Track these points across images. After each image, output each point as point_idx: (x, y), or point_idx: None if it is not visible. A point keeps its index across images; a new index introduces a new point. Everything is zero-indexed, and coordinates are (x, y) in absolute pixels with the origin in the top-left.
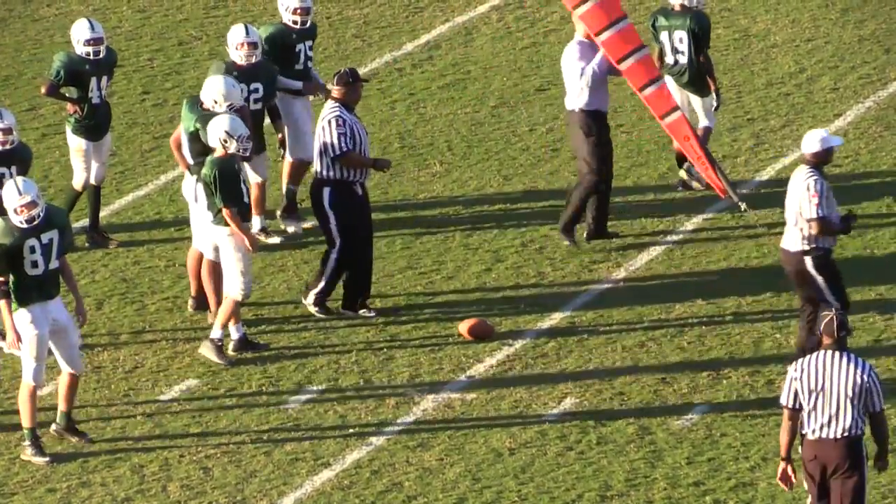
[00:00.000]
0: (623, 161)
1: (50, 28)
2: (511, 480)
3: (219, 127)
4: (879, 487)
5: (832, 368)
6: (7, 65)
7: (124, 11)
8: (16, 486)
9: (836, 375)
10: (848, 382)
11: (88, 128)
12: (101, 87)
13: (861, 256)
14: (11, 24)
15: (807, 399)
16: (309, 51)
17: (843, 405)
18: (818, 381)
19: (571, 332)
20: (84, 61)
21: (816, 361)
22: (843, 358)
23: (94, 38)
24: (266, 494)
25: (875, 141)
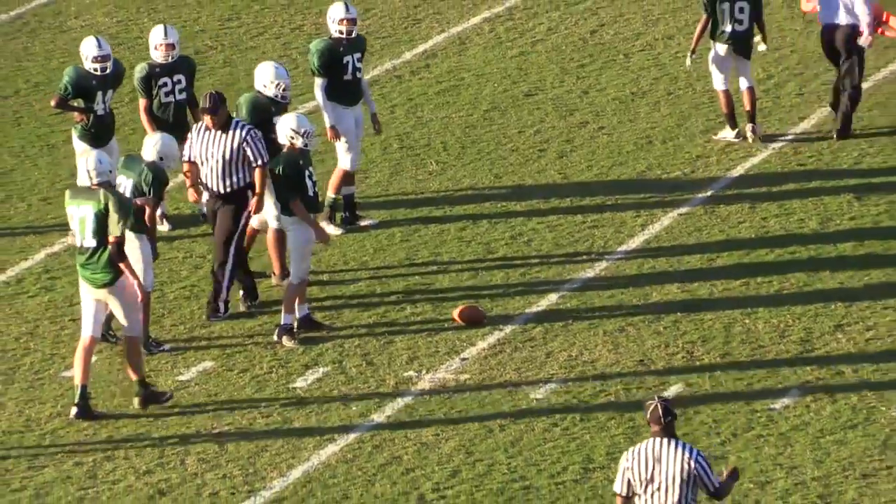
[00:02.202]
0: (605, 161)
1: (77, 38)
2: (501, 454)
3: (286, 125)
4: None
5: (662, 456)
6: (38, 72)
7: (145, 23)
8: (46, 460)
9: (666, 462)
10: (677, 468)
11: (93, 135)
12: (106, 99)
13: (823, 248)
14: (41, 34)
15: (639, 487)
16: (357, 62)
17: (674, 491)
18: (649, 470)
19: (557, 318)
20: (91, 76)
21: (646, 450)
22: (671, 445)
23: (102, 55)
24: (276, 467)
25: (837, 142)
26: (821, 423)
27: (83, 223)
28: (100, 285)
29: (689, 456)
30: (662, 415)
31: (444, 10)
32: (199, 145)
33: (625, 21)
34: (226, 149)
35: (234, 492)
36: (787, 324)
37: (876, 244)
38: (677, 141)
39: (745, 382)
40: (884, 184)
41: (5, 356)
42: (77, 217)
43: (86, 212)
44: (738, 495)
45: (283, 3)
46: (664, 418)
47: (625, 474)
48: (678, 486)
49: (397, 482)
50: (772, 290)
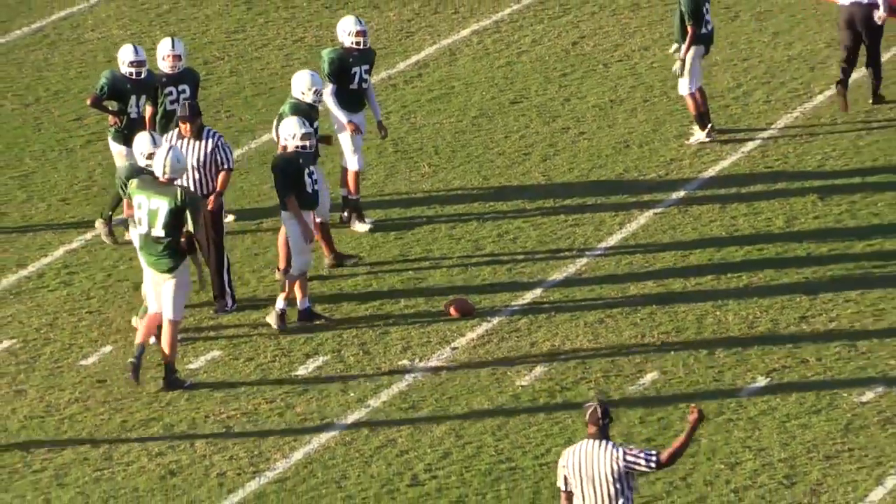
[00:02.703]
0: (585, 164)
1: (94, 49)
2: (489, 437)
3: (286, 128)
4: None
5: (594, 456)
6: (57, 81)
7: (157, 35)
8: (65, 443)
9: (598, 462)
10: (608, 469)
11: (126, 137)
12: (140, 103)
13: (789, 245)
14: (60, 45)
15: (576, 485)
16: (365, 74)
17: (608, 489)
18: (584, 469)
19: (541, 310)
20: (126, 80)
21: (580, 451)
22: (603, 446)
23: (138, 60)
24: (279, 449)
25: (802, 146)
26: (787, 408)
27: (154, 215)
28: (162, 270)
29: (617, 455)
30: (601, 416)
31: (436, 23)
32: None
33: (604, 34)
34: (200, 155)
35: (241, 472)
36: (755, 315)
37: (838, 241)
38: (653, 145)
39: (716, 370)
40: (845, 185)
41: (27, 346)
42: (147, 207)
43: (159, 205)
44: (710, 476)
45: (285, 17)
46: (602, 420)
47: (561, 472)
48: (611, 485)
49: (392, 463)
50: (741, 284)
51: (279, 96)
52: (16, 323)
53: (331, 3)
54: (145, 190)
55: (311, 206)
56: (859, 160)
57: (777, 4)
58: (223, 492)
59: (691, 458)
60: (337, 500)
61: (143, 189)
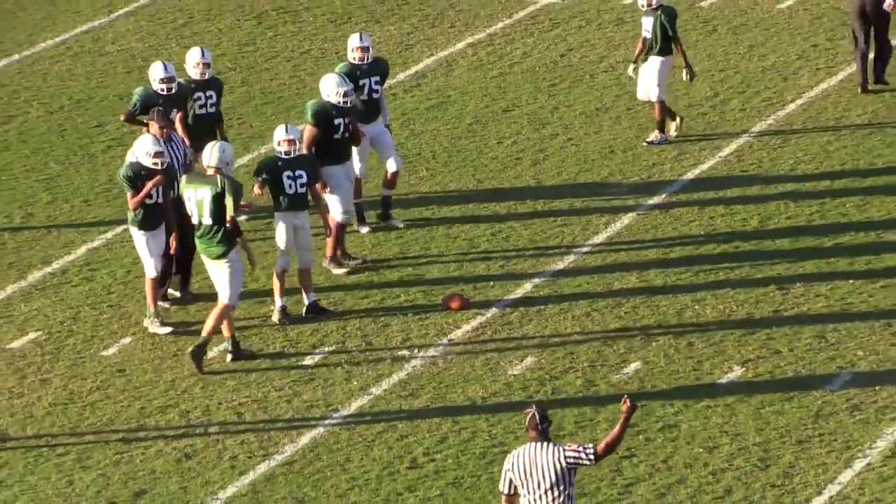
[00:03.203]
0: (573, 167)
1: (114, 61)
2: (483, 423)
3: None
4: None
5: (538, 458)
6: (79, 90)
7: (173, 48)
8: (87, 428)
9: (541, 464)
10: (551, 468)
11: None
12: (171, 116)
13: (763, 244)
14: (83, 57)
15: (521, 486)
16: (375, 85)
17: (551, 489)
18: (527, 471)
19: (531, 304)
20: (158, 96)
21: (524, 454)
22: (545, 447)
23: (167, 77)
24: (287, 434)
25: (775, 151)
26: (761, 395)
27: (201, 205)
28: (215, 257)
29: (558, 455)
30: (539, 421)
31: (433, 36)
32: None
33: (590, 46)
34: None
35: (251, 455)
36: (731, 309)
37: (809, 240)
38: (636, 150)
39: (695, 360)
40: (815, 187)
41: (51, 338)
42: (194, 199)
43: (203, 195)
44: (689, 458)
45: (292, 31)
46: (541, 424)
47: (506, 475)
48: (554, 484)
49: (393, 447)
50: (718, 280)
51: (287, 104)
52: (41, 316)
53: (335, 18)
54: (192, 183)
55: (293, 206)
56: (828, 164)
57: (752, 19)
58: (235, 474)
59: (672, 442)
60: (341, 481)
61: (190, 183)
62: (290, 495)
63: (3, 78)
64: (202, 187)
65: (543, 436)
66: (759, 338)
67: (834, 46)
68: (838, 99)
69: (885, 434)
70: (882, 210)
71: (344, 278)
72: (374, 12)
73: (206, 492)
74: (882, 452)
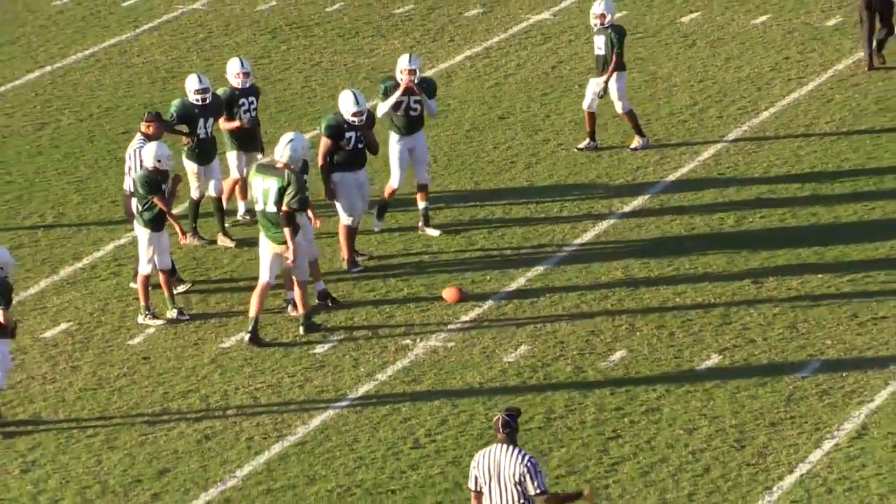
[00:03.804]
0: (563, 171)
1: (139, 72)
2: (480, 406)
3: None
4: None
5: (501, 460)
6: (108, 99)
7: (194, 60)
8: (114, 412)
9: (504, 465)
10: (511, 471)
11: (197, 155)
12: (208, 125)
13: (738, 240)
14: (111, 69)
15: (485, 484)
16: (413, 103)
17: (511, 490)
18: (491, 471)
19: (525, 297)
20: (194, 106)
21: (489, 455)
22: (509, 451)
23: (202, 88)
24: (300, 417)
25: (750, 155)
26: (737, 381)
27: (266, 193)
28: (280, 242)
29: (521, 461)
30: (502, 427)
31: (434, 49)
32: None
33: (579, 58)
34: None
35: (266, 436)
36: (709, 301)
37: (781, 237)
38: (621, 154)
39: (676, 348)
40: (787, 189)
41: (81, 328)
42: (261, 188)
43: (270, 185)
44: (671, 439)
45: (304, 44)
46: (503, 430)
47: (473, 473)
48: (513, 486)
49: (397, 429)
50: (697, 274)
51: (299, 112)
52: (72, 308)
53: (343, 33)
54: (262, 173)
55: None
56: (799, 167)
57: (729, 33)
58: (251, 453)
59: (655, 424)
60: (349, 460)
61: (260, 172)
62: (301, 473)
63: (36, 88)
64: (270, 178)
65: (509, 439)
66: (735, 328)
67: (804, 59)
68: (808, 107)
69: (851, 417)
70: (849, 210)
71: (354, 273)
72: (379, 27)
73: (225, 470)
74: (849, 434)
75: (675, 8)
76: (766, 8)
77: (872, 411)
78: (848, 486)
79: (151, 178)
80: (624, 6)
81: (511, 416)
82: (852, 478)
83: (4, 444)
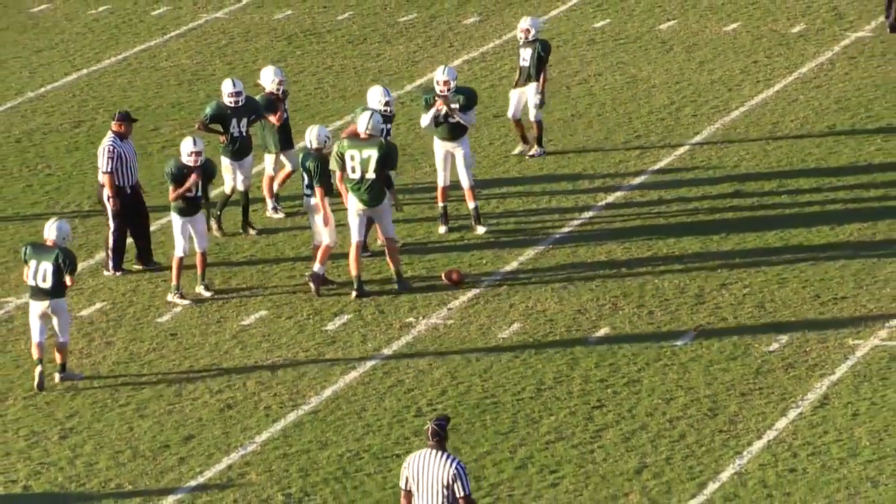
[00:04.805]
0: (552, 165)
1: (167, 75)
2: (477, 378)
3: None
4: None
5: (430, 464)
6: (138, 99)
7: (217, 65)
8: (144, 383)
9: (432, 470)
10: (440, 475)
11: (232, 152)
12: (241, 125)
13: (711, 227)
14: (141, 72)
15: (415, 485)
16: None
17: (439, 492)
18: (421, 474)
19: (517, 279)
20: (227, 108)
21: (420, 458)
22: (439, 456)
23: (235, 91)
24: (313, 388)
25: (722, 151)
26: (710, 355)
27: (366, 162)
28: (371, 205)
29: (449, 466)
30: (432, 435)
31: (435, 54)
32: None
33: (566, 62)
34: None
35: (283, 406)
36: (685, 283)
37: (750, 224)
38: (605, 150)
39: (655, 326)
40: (756, 181)
41: (115, 307)
42: (359, 158)
43: (370, 154)
44: (650, 408)
45: (317, 49)
46: (433, 438)
47: (404, 473)
48: (440, 489)
49: (401, 399)
50: (674, 258)
51: (312, 111)
52: (106, 289)
53: (353, 39)
54: (356, 146)
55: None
56: (767, 162)
57: (703, 39)
58: (269, 421)
59: (635, 394)
60: (358, 427)
61: (354, 146)
62: (315, 439)
63: (74, 89)
64: (368, 149)
65: (439, 446)
66: (708, 307)
67: (771, 62)
68: (775, 107)
69: (814, 388)
70: (811, 200)
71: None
72: (385, 34)
73: (245, 436)
74: (812, 403)
75: (653, 16)
76: (737, 16)
77: (833, 383)
78: (811, 451)
79: (178, 169)
80: (607, 15)
81: (440, 424)
82: (815, 443)
83: (45, 412)
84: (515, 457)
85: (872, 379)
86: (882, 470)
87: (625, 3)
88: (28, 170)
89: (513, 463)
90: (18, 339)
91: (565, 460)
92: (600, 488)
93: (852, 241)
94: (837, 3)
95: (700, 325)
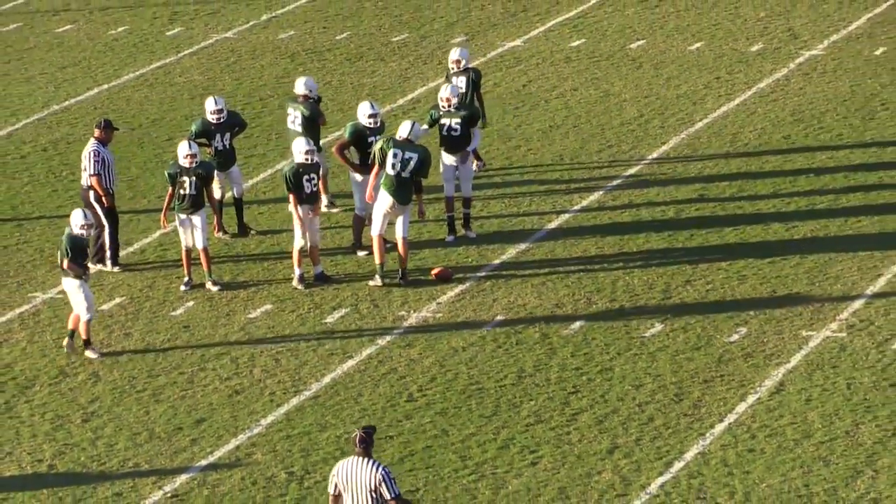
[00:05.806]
0: (531, 173)
1: (181, 90)
2: (463, 366)
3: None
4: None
5: (357, 470)
6: (154, 112)
7: (226, 80)
8: (160, 371)
9: (359, 476)
10: (367, 480)
11: (217, 164)
12: (225, 139)
13: (676, 228)
14: (157, 86)
15: (344, 490)
16: (455, 125)
17: (366, 496)
18: (349, 479)
19: (500, 276)
20: (211, 124)
21: (347, 465)
22: (365, 462)
23: (217, 109)
24: (313, 375)
25: (687, 159)
26: (676, 345)
27: (407, 163)
28: (405, 203)
29: (375, 472)
30: (359, 442)
31: (425, 71)
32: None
33: (545, 78)
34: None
35: (286, 392)
36: (653, 279)
37: (714, 225)
38: (580, 159)
39: (625, 318)
40: (718, 186)
41: (132, 301)
42: (401, 157)
43: (411, 156)
44: (621, 394)
45: (318, 66)
46: (360, 445)
47: (332, 479)
48: (368, 494)
49: (394, 385)
50: (642, 257)
51: None
52: (125, 285)
53: (350, 57)
54: (400, 147)
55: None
56: (727, 169)
57: (669, 57)
58: (273, 405)
59: (608, 381)
60: (355, 411)
61: (397, 146)
62: (315, 422)
63: (95, 102)
64: (409, 152)
65: (365, 453)
66: (674, 301)
67: (732, 78)
68: (735, 119)
69: (771, 375)
70: (769, 204)
71: (357, 257)
72: (380, 52)
73: (252, 420)
74: (769, 389)
75: (624, 37)
76: (700, 36)
77: (788, 371)
78: (768, 433)
79: (176, 171)
80: (582, 35)
81: (367, 433)
82: (772, 426)
83: (69, 398)
84: (498, 438)
85: (824, 367)
86: (833, 450)
87: (598, 25)
88: (54, 176)
89: (496, 444)
90: (44, 330)
91: (544, 441)
92: (576, 467)
93: (806, 240)
94: (792, 24)
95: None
